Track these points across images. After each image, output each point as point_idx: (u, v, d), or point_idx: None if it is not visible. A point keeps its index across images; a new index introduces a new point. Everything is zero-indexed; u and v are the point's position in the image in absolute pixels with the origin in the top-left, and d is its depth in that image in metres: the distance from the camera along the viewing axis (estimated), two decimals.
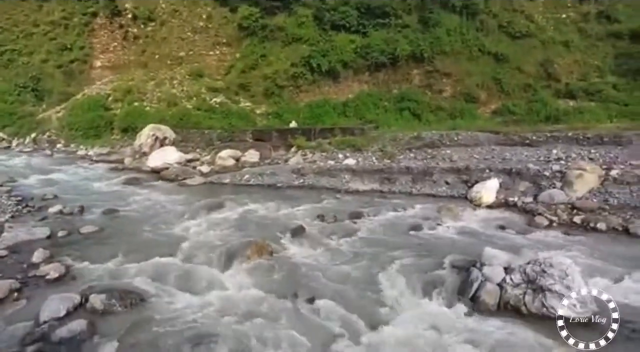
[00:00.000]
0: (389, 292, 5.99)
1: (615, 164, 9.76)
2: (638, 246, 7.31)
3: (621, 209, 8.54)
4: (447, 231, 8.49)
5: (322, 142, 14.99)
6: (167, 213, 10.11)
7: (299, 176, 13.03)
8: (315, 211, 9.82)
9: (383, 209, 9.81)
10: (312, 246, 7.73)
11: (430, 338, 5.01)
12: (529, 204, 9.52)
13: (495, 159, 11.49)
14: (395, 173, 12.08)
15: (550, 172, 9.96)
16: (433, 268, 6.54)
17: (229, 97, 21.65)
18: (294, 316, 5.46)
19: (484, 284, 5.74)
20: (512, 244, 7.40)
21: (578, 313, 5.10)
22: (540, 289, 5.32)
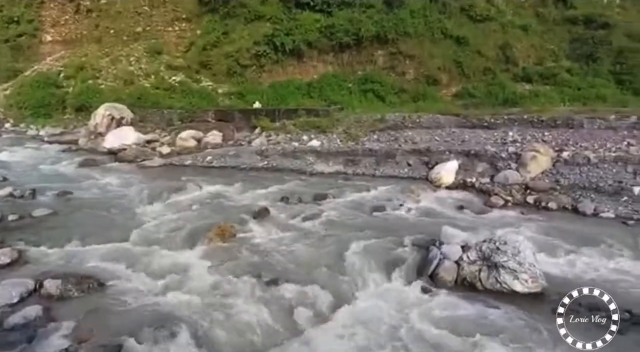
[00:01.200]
0: (352, 271, 6.09)
1: (566, 146, 10.23)
2: (585, 223, 7.75)
3: (571, 188, 9.00)
4: (408, 211, 8.69)
5: (287, 124, 14.86)
6: (125, 196, 9.80)
7: (263, 157, 12.90)
8: (279, 192, 9.79)
9: (347, 191, 9.91)
10: (276, 227, 7.72)
11: (391, 314, 5.16)
12: (486, 185, 9.87)
13: (455, 141, 11.78)
14: (360, 155, 12.18)
15: (507, 154, 10.33)
16: (394, 247, 6.70)
17: (190, 76, 20.98)
18: (257, 297, 5.47)
19: (443, 261, 5.95)
20: (469, 223, 7.70)
21: (529, 288, 5.39)
22: (495, 265, 5.57)
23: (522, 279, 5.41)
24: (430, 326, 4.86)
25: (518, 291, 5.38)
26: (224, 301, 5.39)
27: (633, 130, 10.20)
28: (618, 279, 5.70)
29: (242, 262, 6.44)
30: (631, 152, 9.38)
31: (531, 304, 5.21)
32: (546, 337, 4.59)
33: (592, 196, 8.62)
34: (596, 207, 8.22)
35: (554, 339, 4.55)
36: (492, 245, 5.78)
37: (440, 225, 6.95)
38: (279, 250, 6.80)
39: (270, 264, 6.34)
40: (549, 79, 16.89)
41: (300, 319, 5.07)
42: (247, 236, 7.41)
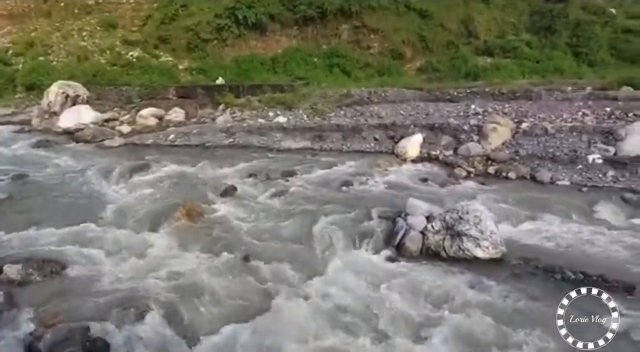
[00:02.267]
0: (321, 245, 6.18)
1: (525, 117, 10.56)
2: (543, 191, 8.11)
3: (529, 158, 9.35)
4: (375, 185, 8.81)
5: (252, 100, 14.59)
6: (85, 177, 9.46)
7: (229, 134, 12.68)
8: (246, 170, 9.70)
9: (315, 167, 9.92)
10: (244, 205, 7.68)
11: (360, 284, 5.30)
12: (450, 157, 10.11)
13: (420, 115, 11.93)
14: (326, 131, 12.16)
15: (469, 127, 10.57)
16: (362, 220, 6.82)
17: (148, 51, 20.12)
18: (228, 275, 5.48)
19: (408, 232, 6.12)
20: (434, 195, 7.90)
21: (490, 254, 5.64)
22: (458, 234, 5.78)
23: (483, 246, 5.64)
24: (398, 294, 5.01)
25: (480, 257, 5.62)
26: (194, 280, 5.36)
27: (588, 101, 10.62)
28: (573, 243, 6.03)
29: (211, 240, 6.39)
30: (586, 122, 9.79)
31: (492, 269, 5.46)
32: (506, 300, 4.84)
33: (549, 165, 8.99)
34: (553, 175, 8.59)
35: (513, 301, 4.81)
36: (455, 215, 5.97)
37: (406, 197, 7.10)
38: (248, 227, 6.79)
39: (240, 241, 6.33)
40: (510, 52, 17.24)
41: (273, 294, 5.12)
42: (215, 214, 7.34)
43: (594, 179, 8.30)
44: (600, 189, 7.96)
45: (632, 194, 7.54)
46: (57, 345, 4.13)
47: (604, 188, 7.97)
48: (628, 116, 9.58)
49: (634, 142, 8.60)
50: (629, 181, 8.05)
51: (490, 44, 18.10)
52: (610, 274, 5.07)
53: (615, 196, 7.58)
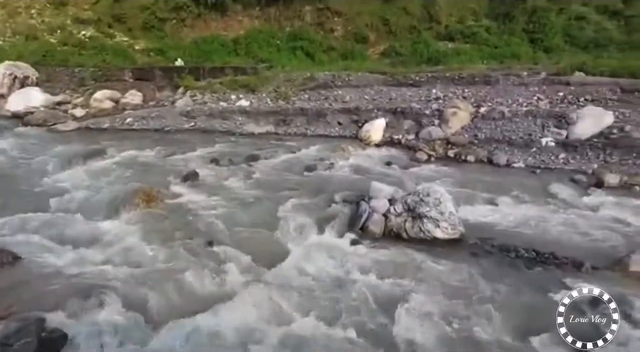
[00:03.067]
0: (285, 230, 6.16)
1: (484, 102, 10.86)
2: (499, 173, 8.42)
3: (487, 142, 9.65)
4: (339, 169, 8.87)
5: (213, 82, 14.23)
6: (37, 163, 9.00)
7: (189, 118, 12.36)
8: (208, 155, 9.51)
9: (279, 151, 9.86)
10: (207, 190, 7.54)
11: (324, 267, 5.35)
12: (412, 141, 10.29)
13: (383, 99, 12.02)
14: (291, 115, 12.07)
15: (430, 111, 10.76)
16: (326, 204, 6.87)
17: (101, 31, 19.10)
18: (189, 261, 5.38)
19: (372, 215, 6.22)
20: (396, 178, 8.04)
21: (449, 234, 5.82)
22: (418, 216, 5.92)
23: (442, 227, 5.81)
24: (361, 275, 5.11)
25: (439, 238, 5.80)
26: (154, 267, 5.25)
27: (542, 86, 11.01)
28: (526, 223, 6.31)
29: (172, 227, 6.25)
30: (540, 106, 10.18)
31: (451, 248, 5.65)
32: (464, 277, 5.03)
33: (505, 148, 9.32)
34: (509, 158, 8.93)
35: (470, 277, 5.00)
36: (416, 197, 6.10)
37: (370, 181, 7.18)
38: (210, 213, 6.67)
39: (202, 227, 6.22)
40: (470, 37, 17.54)
41: (236, 280, 5.08)
42: (176, 200, 7.18)
43: (546, 162, 8.68)
44: (552, 171, 8.35)
45: (581, 175, 7.94)
46: (11, 337, 3.94)
47: (555, 170, 8.36)
48: (580, 101, 10.03)
49: (584, 126, 9.03)
50: (579, 163, 8.48)
51: (451, 29, 18.35)
52: (561, 251, 5.35)
53: (566, 177, 7.97)
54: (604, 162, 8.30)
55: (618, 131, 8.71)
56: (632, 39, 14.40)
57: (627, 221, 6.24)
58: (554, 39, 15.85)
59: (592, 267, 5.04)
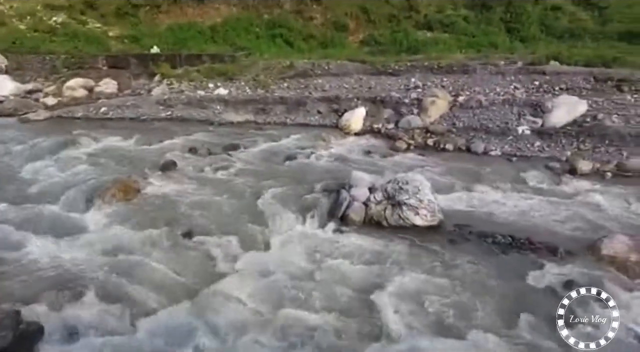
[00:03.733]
0: (266, 219, 6.14)
1: (462, 91, 10.96)
2: (477, 161, 8.53)
3: (465, 130, 9.77)
4: (319, 158, 8.85)
5: (190, 70, 13.96)
6: (8, 154, 8.72)
7: (166, 107, 12.12)
8: (186, 144, 9.35)
9: (258, 140, 9.77)
10: (185, 180, 7.43)
11: (305, 256, 5.36)
12: (391, 130, 10.33)
13: (363, 88, 12.02)
14: (270, 103, 11.95)
15: (409, 100, 10.81)
16: (307, 193, 6.85)
17: (73, 17, 18.47)
18: (168, 251, 5.32)
19: (352, 203, 6.24)
20: (376, 167, 8.07)
21: (428, 221, 5.89)
22: (398, 203, 5.97)
23: (422, 214, 5.88)
24: (342, 262, 5.14)
25: (418, 225, 5.87)
26: (132, 258, 5.17)
27: (519, 75, 11.17)
28: (503, 209, 6.43)
29: (150, 217, 6.14)
30: (516, 95, 10.33)
31: (430, 235, 5.72)
32: (443, 262, 5.12)
33: (483, 137, 9.44)
34: (486, 146, 9.06)
35: (448, 263, 5.09)
36: (396, 185, 6.15)
37: (350, 170, 7.21)
38: (189, 203, 6.58)
39: (181, 217, 6.14)
40: (448, 26, 17.63)
41: (217, 269, 5.06)
42: (154, 190, 7.05)
43: (522, 149, 8.85)
44: (528, 158, 8.52)
45: (556, 162, 8.13)
46: None
47: (531, 158, 8.53)
48: (555, 89, 10.21)
49: (559, 114, 9.22)
50: (553, 150, 8.67)
51: (430, 18, 18.39)
52: (536, 236, 5.49)
53: (541, 164, 8.14)
54: (577, 150, 8.50)
55: (591, 119, 8.93)
56: (606, 30, 14.72)
57: (599, 207, 6.43)
58: (530, 29, 16.06)
59: (566, 251, 5.18)
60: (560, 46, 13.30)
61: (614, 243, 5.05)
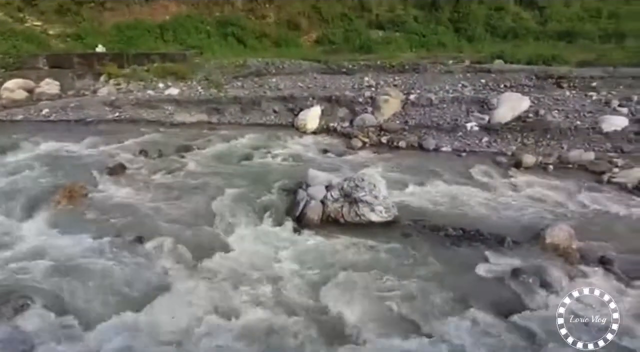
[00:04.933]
0: (221, 221, 6.04)
1: (413, 89, 11.24)
2: (429, 158, 8.79)
3: (417, 128, 10.03)
4: (276, 158, 8.81)
5: (138, 70, 13.47)
6: None
7: (114, 108, 11.64)
8: (136, 146, 9.03)
9: (213, 141, 9.59)
10: (135, 184, 7.17)
11: (264, 255, 5.34)
12: (347, 129, 10.45)
13: (318, 87, 12.06)
14: (224, 103, 11.76)
15: (363, 99, 10.97)
16: (264, 194, 6.80)
17: (10, 14, 17.33)
18: (119, 258, 5.11)
19: (309, 202, 6.25)
20: (333, 165, 8.14)
21: (384, 217, 6.01)
22: (354, 201, 6.05)
23: (377, 210, 5.99)
24: (300, 262, 5.14)
25: (374, 221, 5.97)
26: (79, 266, 4.92)
27: (466, 73, 11.59)
28: (454, 203, 6.66)
29: (99, 223, 5.89)
30: (465, 93, 10.72)
31: (385, 230, 5.84)
32: (397, 256, 5.23)
33: (434, 134, 9.73)
34: (437, 143, 9.35)
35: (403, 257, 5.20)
36: (352, 183, 6.22)
37: (307, 169, 7.21)
38: (140, 207, 6.36)
39: (131, 222, 5.91)
40: (399, 26, 17.98)
41: (170, 275, 4.92)
42: (102, 195, 6.77)
43: (471, 145, 9.19)
44: (477, 153, 8.86)
45: (502, 157, 8.51)
46: None
47: (479, 153, 8.88)
48: (500, 87, 10.69)
49: (504, 111, 9.65)
50: (500, 145, 9.06)
51: (381, 17, 18.70)
52: (485, 228, 5.72)
53: (488, 159, 8.49)
54: (522, 144, 8.94)
55: (534, 115, 9.41)
56: (546, 29, 15.49)
57: (542, 198, 6.79)
58: (477, 29, 16.65)
59: (513, 241, 5.44)
60: (504, 45, 13.91)
61: (556, 232, 5.34)
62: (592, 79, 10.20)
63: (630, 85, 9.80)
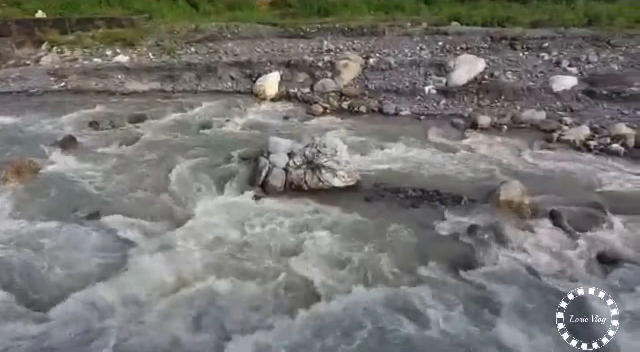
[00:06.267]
0: (182, 192, 5.93)
1: (372, 53, 11.16)
2: (389, 122, 8.86)
3: (377, 93, 10.03)
4: (236, 126, 8.64)
5: (83, 37, 12.63)
6: None
7: (59, 78, 10.95)
8: (86, 118, 8.60)
9: (168, 110, 9.26)
10: (88, 157, 6.88)
11: (227, 225, 5.29)
12: (307, 95, 10.32)
13: (276, 52, 11.76)
14: (178, 70, 11.29)
15: (323, 63, 10.81)
16: (225, 163, 6.70)
17: None
18: (74, 235, 4.94)
19: (272, 170, 6.21)
20: (294, 132, 8.07)
21: (346, 182, 6.06)
22: (317, 167, 6.06)
23: (340, 175, 6.03)
24: (264, 230, 5.14)
25: (337, 187, 6.02)
26: (35, 246, 4.73)
27: (425, 36, 11.59)
28: (414, 166, 6.79)
29: (51, 200, 5.65)
30: (423, 56, 10.76)
31: (348, 195, 5.90)
32: (360, 220, 5.32)
33: (394, 98, 9.78)
34: (397, 107, 9.41)
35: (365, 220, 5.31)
36: (314, 149, 6.20)
37: (268, 136, 7.11)
38: (95, 182, 6.13)
39: (86, 198, 5.70)
40: None
41: (131, 249, 4.80)
42: (53, 170, 6.45)
43: (430, 108, 9.32)
44: (435, 116, 9.01)
45: (459, 119, 8.69)
46: None
47: (437, 116, 9.03)
48: (457, 49, 10.79)
49: (461, 73, 9.77)
50: (457, 108, 9.24)
51: None
52: (444, 189, 5.89)
53: (446, 122, 8.66)
54: (478, 106, 9.14)
55: (489, 77, 9.61)
56: None
57: (497, 158, 7.03)
58: None
59: (469, 200, 5.64)
60: (461, 8, 13.93)
61: (510, 189, 5.57)
62: (544, 40, 10.45)
63: (579, 45, 10.12)
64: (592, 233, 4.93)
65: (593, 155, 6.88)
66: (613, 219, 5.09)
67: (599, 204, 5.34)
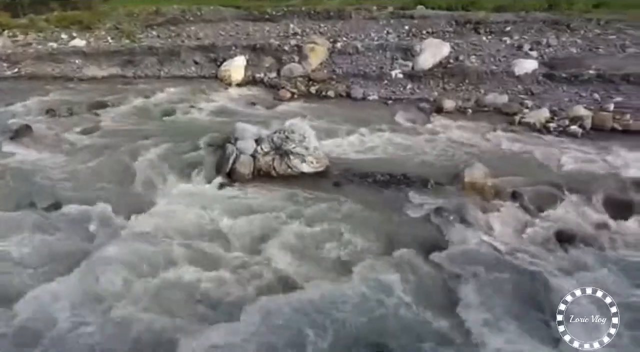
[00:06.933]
0: (145, 181, 5.78)
1: (339, 37, 11.09)
2: (357, 106, 8.86)
3: (345, 77, 10.00)
4: (201, 112, 8.45)
5: (36, 20, 12.01)
6: None
7: (11, 63, 10.40)
8: (42, 105, 8.22)
9: (129, 96, 8.94)
10: (44, 147, 6.58)
11: (194, 213, 5.21)
12: (274, 79, 10.18)
13: (240, 36, 11.51)
14: (138, 54, 10.90)
15: (289, 47, 10.66)
16: (190, 150, 6.55)
17: None
18: (34, 228, 4.74)
19: (239, 157, 6.12)
20: (261, 118, 7.96)
21: (315, 168, 6.05)
22: (285, 153, 6.01)
23: (308, 161, 6.01)
24: (232, 218, 5.07)
25: (306, 172, 6.01)
26: None
27: (390, 19, 11.60)
28: (382, 150, 6.84)
29: (6, 192, 5.38)
30: (389, 39, 10.77)
31: (317, 181, 5.90)
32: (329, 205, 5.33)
33: (361, 82, 9.78)
34: (364, 92, 9.42)
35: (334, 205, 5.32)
36: (282, 135, 6.14)
37: (234, 122, 6.97)
38: (53, 171, 5.88)
39: (44, 189, 5.47)
40: None
41: (94, 239, 4.67)
42: (6, 161, 6.15)
43: (396, 93, 9.38)
44: (402, 101, 9.08)
45: (425, 103, 8.79)
46: None
47: (404, 100, 9.10)
48: (422, 33, 10.86)
49: (426, 57, 9.85)
50: (423, 92, 9.33)
51: None
52: (410, 172, 5.96)
53: (413, 106, 8.74)
54: (443, 90, 9.26)
55: (454, 61, 9.73)
56: None
57: (461, 141, 7.17)
58: None
59: (435, 183, 5.74)
60: None
61: (473, 171, 5.71)
62: (506, 23, 10.66)
63: (540, 29, 10.38)
64: (551, 212, 5.12)
65: (552, 137, 7.10)
66: (571, 197, 5.30)
67: (558, 184, 5.53)
